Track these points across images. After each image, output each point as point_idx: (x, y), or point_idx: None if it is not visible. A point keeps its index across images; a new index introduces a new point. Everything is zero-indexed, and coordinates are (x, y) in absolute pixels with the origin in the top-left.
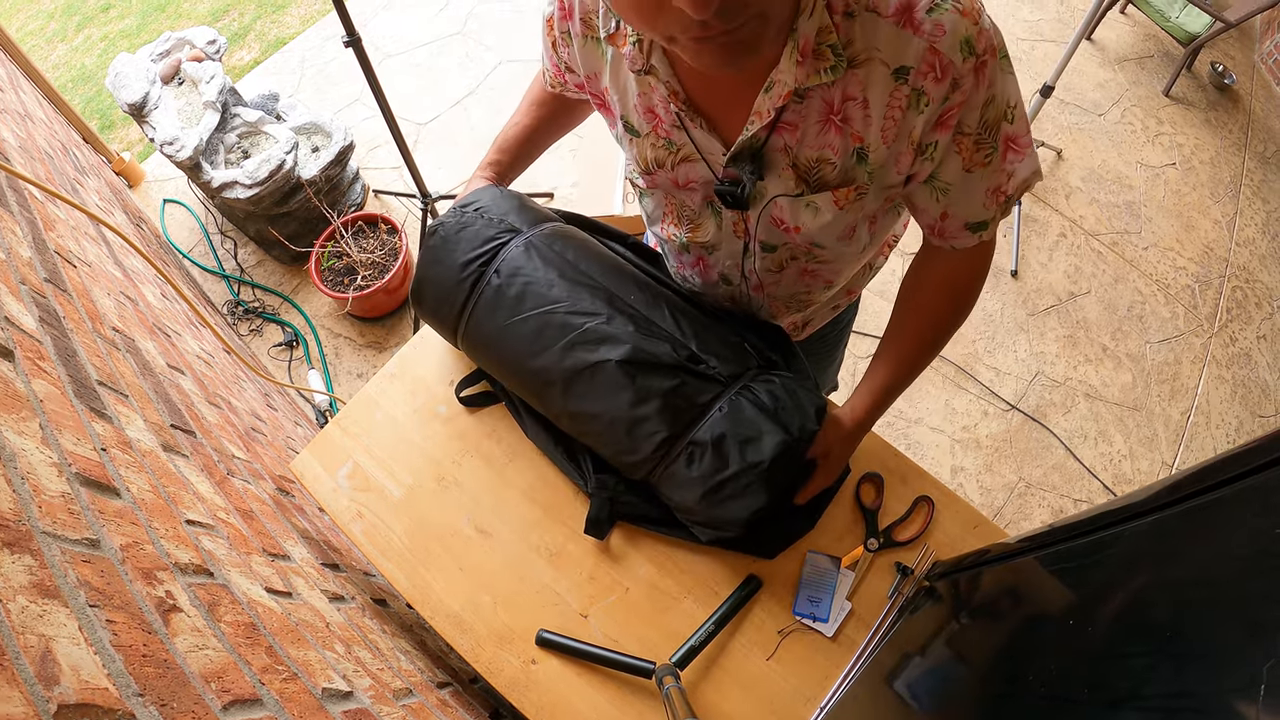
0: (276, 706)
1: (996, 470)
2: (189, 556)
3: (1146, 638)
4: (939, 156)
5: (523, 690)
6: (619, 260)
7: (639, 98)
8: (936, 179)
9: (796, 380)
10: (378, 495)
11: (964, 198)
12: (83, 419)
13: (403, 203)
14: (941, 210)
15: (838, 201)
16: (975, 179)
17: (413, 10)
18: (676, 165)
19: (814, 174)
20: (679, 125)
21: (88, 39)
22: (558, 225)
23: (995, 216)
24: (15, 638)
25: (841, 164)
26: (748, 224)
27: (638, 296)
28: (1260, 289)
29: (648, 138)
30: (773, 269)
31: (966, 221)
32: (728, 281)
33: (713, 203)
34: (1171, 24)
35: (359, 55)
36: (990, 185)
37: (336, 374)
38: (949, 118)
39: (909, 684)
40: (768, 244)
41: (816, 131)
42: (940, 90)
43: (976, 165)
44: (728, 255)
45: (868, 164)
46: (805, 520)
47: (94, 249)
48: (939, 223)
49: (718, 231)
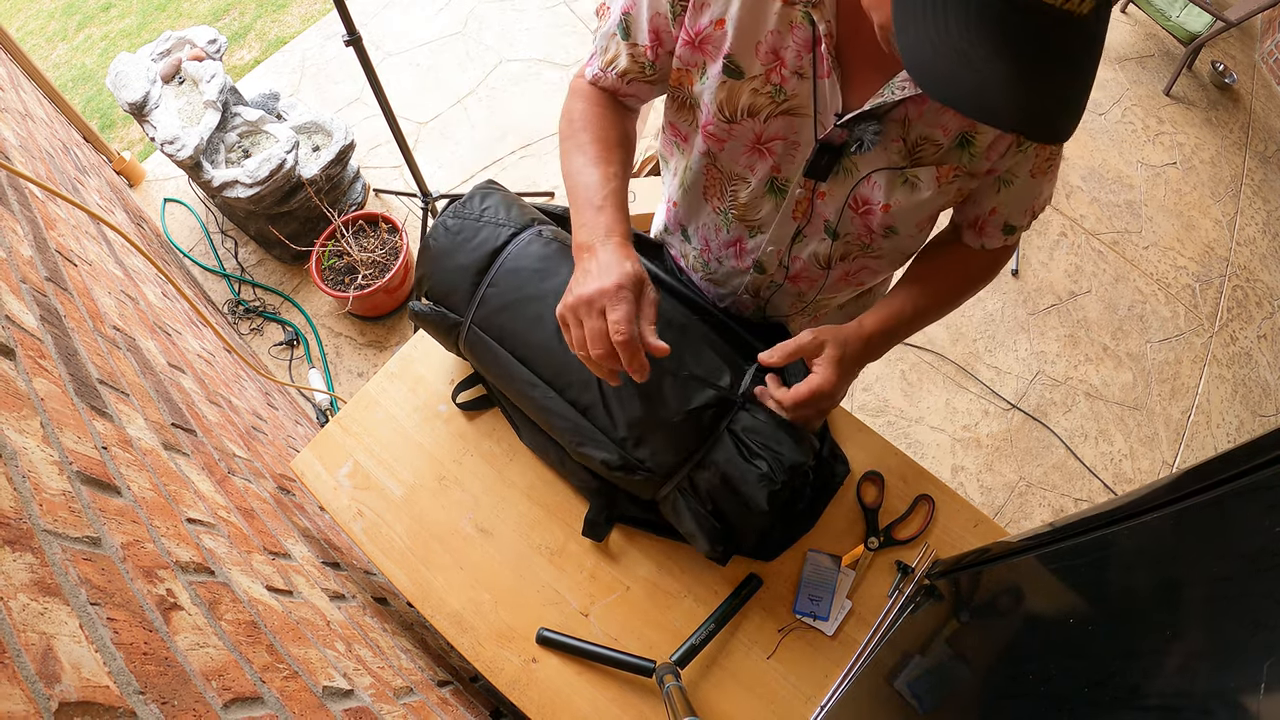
0: (277, 705)
1: (997, 469)
2: (190, 555)
3: (1147, 637)
4: (1025, 154)
5: (523, 689)
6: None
7: (770, 35)
8: (1009, 175)
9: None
10: (378, 494)
11: (1018, 200)
12: (84, 417)
13: (403, 202)
14: (993, 206)
15: (939, 179)
16: (1033, 185)
17: (413, 9)
18: (772, 117)
19: (917, 151)
20: (804, 74)
21: (88, 38)
22: (538, 241)
23: (1024, 225)
24: (16, 635)
25: (946, 146)
26: (814, 204)
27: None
28: (1261, 288)
29: (752, 81)
30: (821, 263)
31: (1005, 223)
32: (760, 269)
33: (775, 179)
34: (1172, 23)
35: (359, 54)
36: (1038, 194)
37: (337, 373)
38: None
39: (909, 683)
40: (836, 230)
41: (938, 109)
42: None
43: (1040, 172)
44: (773, 240)
45: (971, 148)
46: (805, 521)
47: (95, 248)
48: (986, 217)
49: (773, 211)
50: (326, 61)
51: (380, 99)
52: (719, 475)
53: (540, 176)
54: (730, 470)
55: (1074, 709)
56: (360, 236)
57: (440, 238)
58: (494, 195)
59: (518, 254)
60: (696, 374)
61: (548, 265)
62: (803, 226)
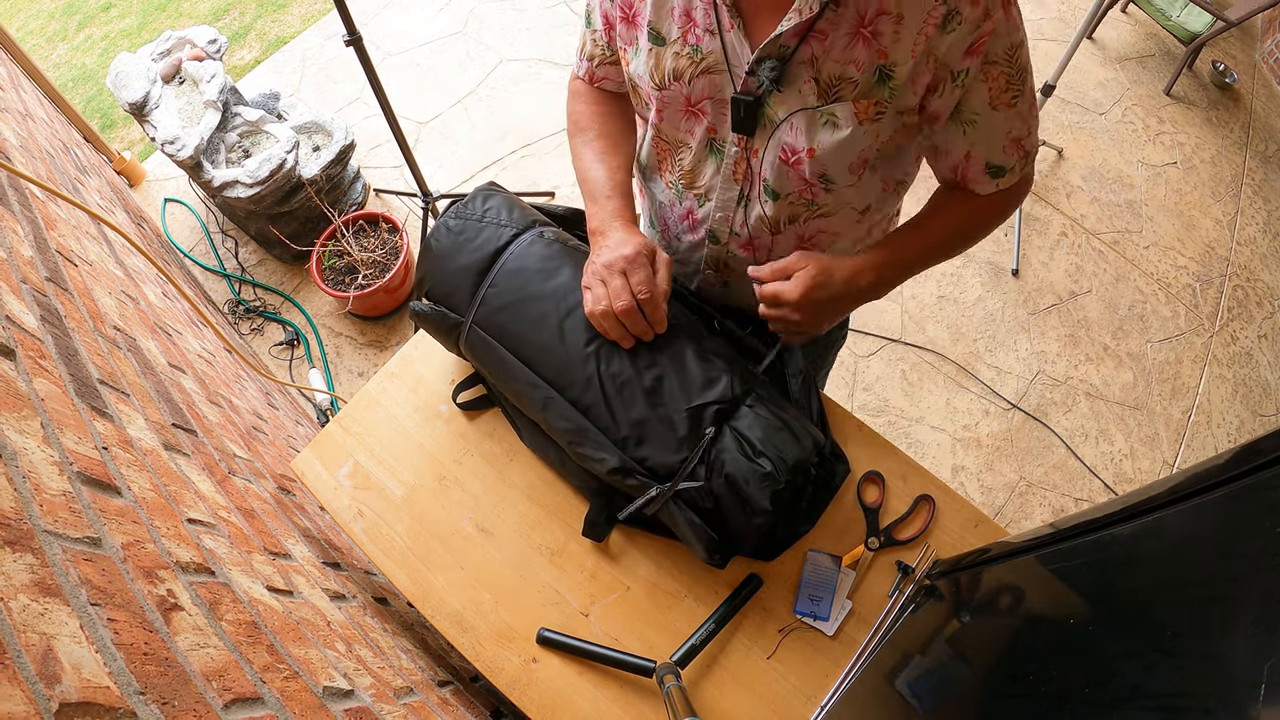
0: (278, 705)
1: (997, 469)
2: (190, 555)
3: (1147, 637)
4: (968, 84)
5: (524, 689)
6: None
7: (677, 0)
8: (964, 110)
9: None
10: (379, 494)
11: (988, 135)
12: (84, 418)
13: (404, 202)
14: (966, 149)
15: (858, 115)
16: (999, 118)
17: (413, 9)
18: (695, 77)
19: (834, 91)
20: (713, 30)
21: (88, 38)
22: (539, 241)
23: (1015, 167)
24: (17, 636)
25: (863, 82)
26: (750, 163)
27: (580, 379)
28: (1261, 288)
29: (672, 45)
30: (769, 226)
31: (987, 163)
32: (715, 239)
33: (714, 140)
34: (1173, 23)
35: (360, 54)
36: (1012, 130)
37: (337, 373)
38: (979, 44)
39: (910, 683)
40: (772, 188)
41: (845, 44)
42: (974, 14)
43: (1002, 104)
44: (719, 205)
45: (890, 82)
46: (806, 521)
47: (95, 248)
48: (962, 163)
49: (715, 174)
50: (327, 61)
51: (380, 99)
52: (722, 475)
53: (540, 176)
54: (733, 470)
55: (1074, 709)
56: (360, 236)
57: (442, 238)
58: (496, 196)
59: (520, 254)
60: (697, 372)
61: (549, 265)
62: (746, 189)
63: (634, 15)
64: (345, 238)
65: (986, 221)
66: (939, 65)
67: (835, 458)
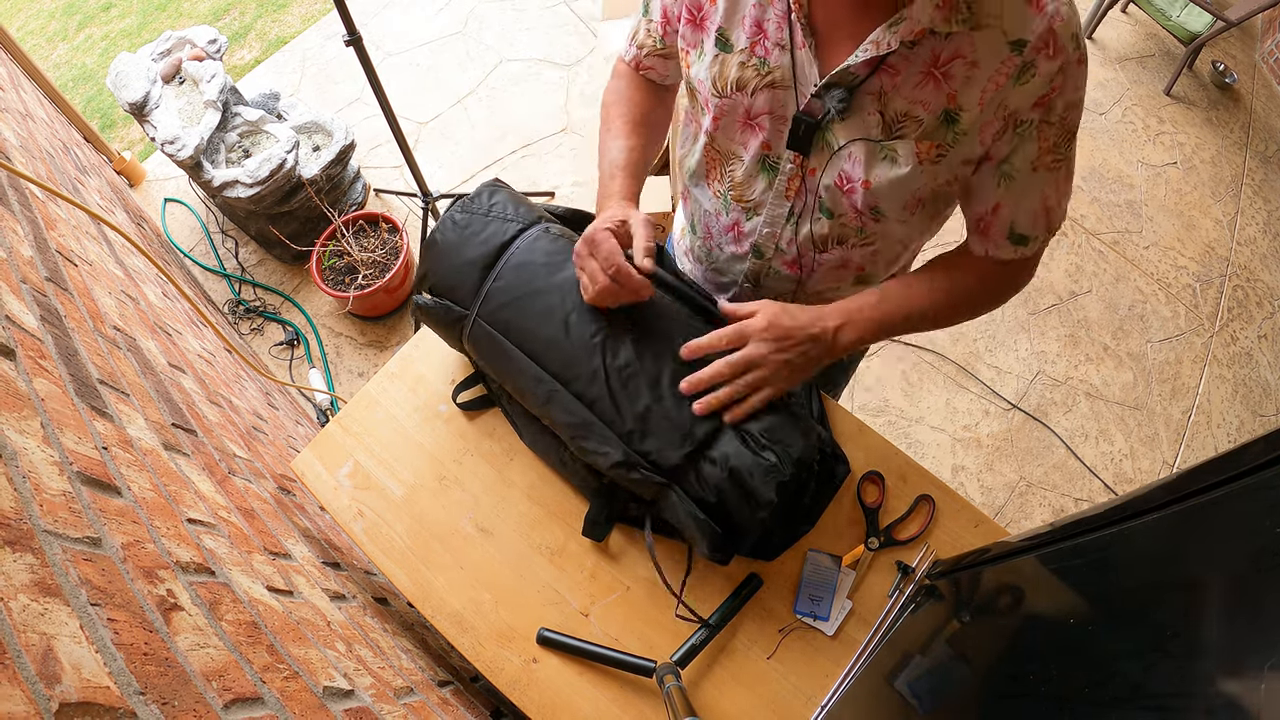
0: (278, 705)
1: (997, 469)
2: (190, 555)
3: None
4: (1023, 136)
5: (524, 689)
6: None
7: (754, 8)
8: (1008, 163)
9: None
10: (379, 494)
11: (1021, 196)
12: (84, 418)
13: (404, 202)
14: (996, 201)
15: (919, 154)
16: (1038, 180)
17: (413, 9)
18: (758, 90)
19: (898, 127)
20: (784, 45)
21: (89, 38)
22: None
23: (1038, 238)
24: (17, 636)
25: (928, 122)
26: (805, 181)
27: (585, 372)
28: (1261, 288)
29: (738, 54)
30: (817, 244)
31: (1012, 228)
32: (759, 254)
33: (767, 156)
34: (1173, 23)
35: (360, 54)
36: (1046, 196)
37: (337, 373)
38: (1048, 98)
39: (910, 683)
40: (827, 207)
41: (915, 83)
42: (1049, 68)
43: (1044, 166)
44: (768, 221)
45: (955, 126)
46: (805, 522)
47: (95, 248)
48: (989, 215)
49: (766, 190)
50: (327, 61)
51: (380, 99)
52: (726, 469)
53: (541, 176)
54: (738, 463)
55: (1074, 709)
56: (360, 236)
57: (448, 231)
58: (501, 192)
59: (526, 248)
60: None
61: (555, 260)
62: (796, 207)
63: (702, 18)
64: (345, 238)
65: (990, 292)
66: (1009, 114)
67: (835, 457)
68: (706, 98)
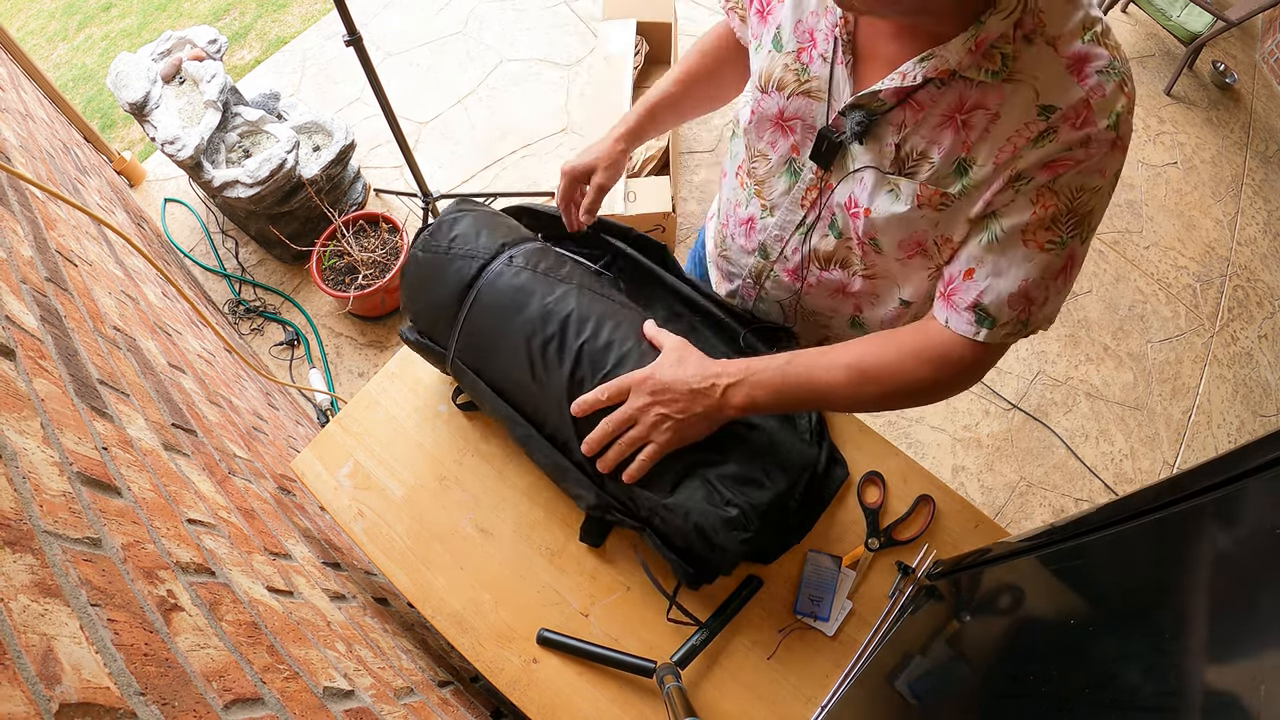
0: (278, 705)
1: (998, 469)
2: (190, 555)
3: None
4: (1019, 194)
5: (524, 689)
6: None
7: (810, 15)
8: (996, 221)
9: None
10: (379, 494)
11: (1001, 265)
12: (84, 418)
13: (404, 202)
14: (969, 266)
15: (920, 196)
16: (1023, 259)
17: (413, 9)
18: (794, 95)
19: (909, 165)
20: (826, 57)
21: (89, 38)
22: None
23: (1006, 327)
24: (17, 637)
25: (939, 167)
26: (822, 194)
27: (555, 413)
28: (1262, 288)
29: (787, 56)
30: (820, 260)
31: (978, 302)
32: (764, 254)
33: (794, 160)
34: (1173, 23)
35: (360, 54)
36: (1029, 282)
37: (337, 373)
38: (1059, 164)
39: (910, 683)
40: (837, 227)
41: (936, 123)
42: (1071, 137)
43: (1036, 243)
44: (780, 224)
45: (965, 179)
46: (797, 533)
47: (95, 248)
48: (958, 278)
49: (785, 193)
50: (327, 61)
51: (381, 99)
52: (690, 522)
53: (541, 176)
54: (700, 519)
55: (1075, 710)
56: (361, 236)
57: (411, 272)
58: (463, 220)
59: (488, 288)
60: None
61: (518, 299)
62: (809, 217)
63: (768, 10)
64: (345, 238)
65: (930, 378)
66: (1016, 173)
67: (833, 461)
68: (752, 90)
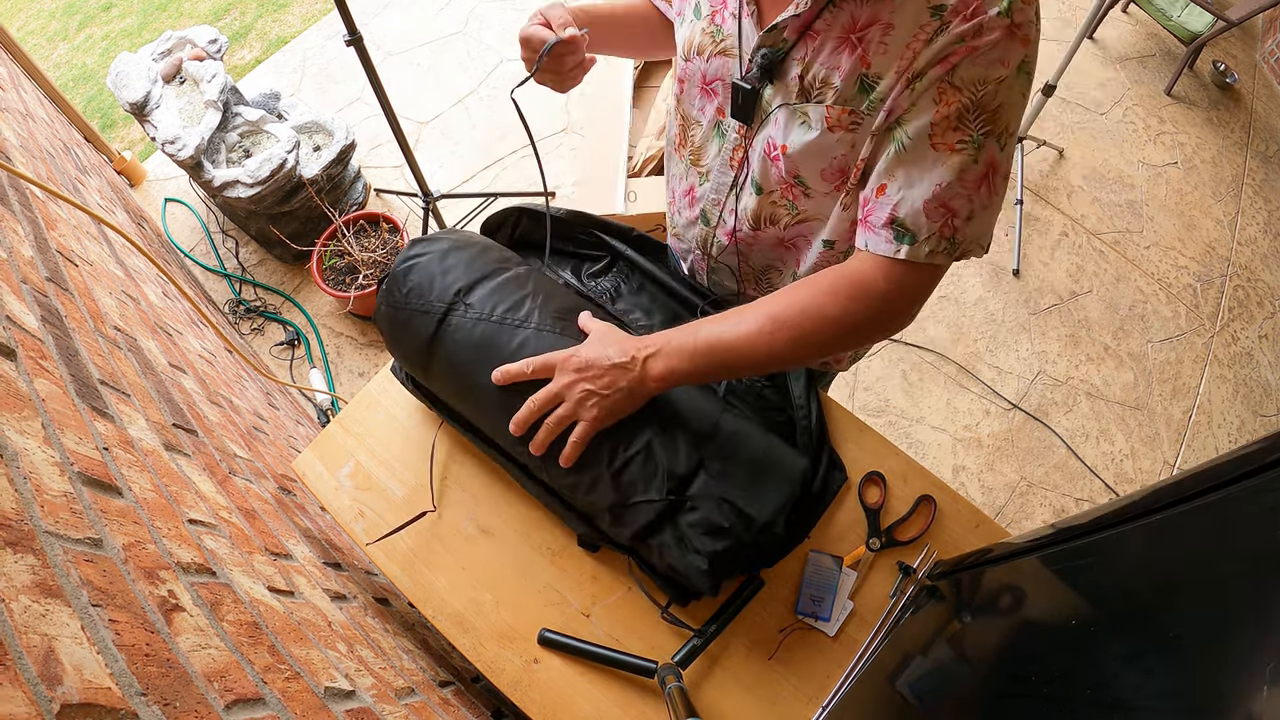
0: (279, 706)
1: (998, 469)
2: (191, 556)
3: (1149, 638)
4: (918, 95)
5: (525, 689)
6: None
7: None
8: (900, 128)
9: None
10: (379, 494)
11: (912, 174)
12: (85, 418)
13: (404, 201)
14: (881, 183)
15: (829, 119)
16: (934, 162)
17: (414, 9)
18: (713, 56)
19: (815, 92)
20: (735, 13)
21: (89, 38)
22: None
23: (929, 242)
24: (18, 637)
25: (842, 88)
26: (746, 151)
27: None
28: (1262, 288)
29: (703, 21)
30: (753, 220)
31: (894, 216)
32: (706, 221)
33: (721, 122)
34: (1173, 23)
35: (360, 54)
36: (945, 188)
37: (338, 373)
38: (953, 55)
39: (911, 683)
40: (757, 182)
41: (832, 48)
42: (961, 29)
43: (945, 145)
44: (714, 189)
45: (871, 94)
46: (792, 541)
47: (96, 248)
48: (872, 197)
49: (715, 156)
50: (327, 61)
51: (381, 99)
52: (665, 563)
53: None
54: (674, 561)
55: (1076, 710)
56: (361, 236)
57: (382, 324)
58: (416, 270)
59: (448, 347)
60: (641, 469)
61: (478, 355)
62: (740, 177)
63: None
64: (346, 238)
65: (850, 314)
66: (914, 74)
67: (832, 465)
68: (677, 61)
